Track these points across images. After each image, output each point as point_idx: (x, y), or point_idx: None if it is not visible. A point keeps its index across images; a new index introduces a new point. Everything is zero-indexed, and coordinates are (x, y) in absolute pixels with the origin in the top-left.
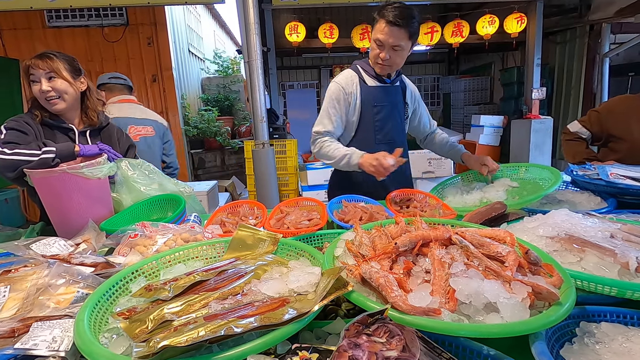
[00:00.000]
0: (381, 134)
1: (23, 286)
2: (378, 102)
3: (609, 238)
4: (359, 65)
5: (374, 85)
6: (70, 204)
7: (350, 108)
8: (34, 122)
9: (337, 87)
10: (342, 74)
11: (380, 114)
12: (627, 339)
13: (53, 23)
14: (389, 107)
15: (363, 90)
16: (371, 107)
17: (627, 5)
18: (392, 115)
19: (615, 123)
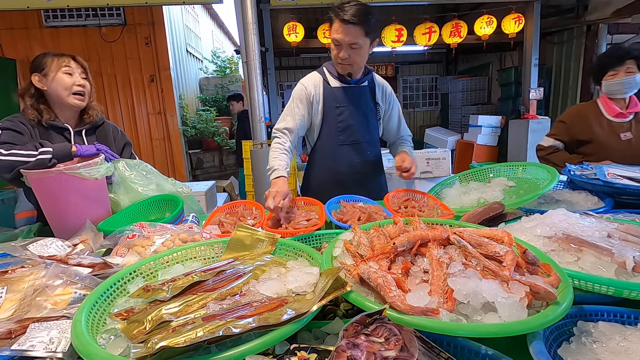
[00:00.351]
0: (344, 135)
1: (20, 287)
2: (340, 103)
3: (606, 238)
4: (325, 67)
5: (337, 86)
6: (68, 205)
7: (314, 109)
8: (29, 122)
9: (301, 87)
10: (307, 76)
11: (342, 114)
12: (625, 338)
13: (50, 23)
14: (353, 107)
15: (326, 92)
16: (334, 108)
17: (624, 5)
18: (357, 115)
19: (580, 129)
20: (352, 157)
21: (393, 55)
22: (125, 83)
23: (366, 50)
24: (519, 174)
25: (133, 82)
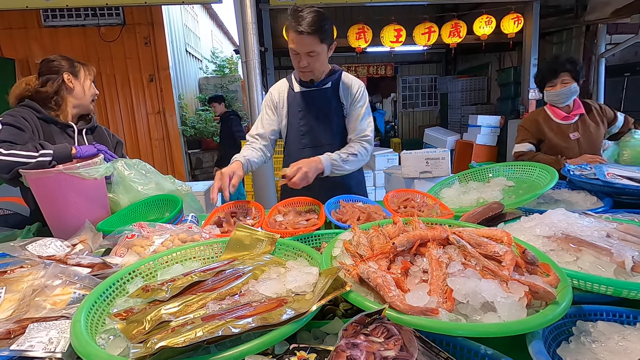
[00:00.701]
0: (306, 138)
1: (19, 287)
2: (302, 107)
3: (605, 237)
4: (293, 73)
5: (300, 90)
6: (67, 205)
7: (280, 115)
8: (33, 117)
9: (268, 94)
10: (275, 84)
11: (304, 118)
12: (623, 337)
13: (49, 22)
14: (315, 110)
15: (289, 97)
16: (296, 112)
17: (622, 6)
18: (320, 118)
19: (535, 133)
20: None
21: (392, 55)
22: (124, 83)
23: (324, 56)
24: (517, 174)
25: (132, 82)
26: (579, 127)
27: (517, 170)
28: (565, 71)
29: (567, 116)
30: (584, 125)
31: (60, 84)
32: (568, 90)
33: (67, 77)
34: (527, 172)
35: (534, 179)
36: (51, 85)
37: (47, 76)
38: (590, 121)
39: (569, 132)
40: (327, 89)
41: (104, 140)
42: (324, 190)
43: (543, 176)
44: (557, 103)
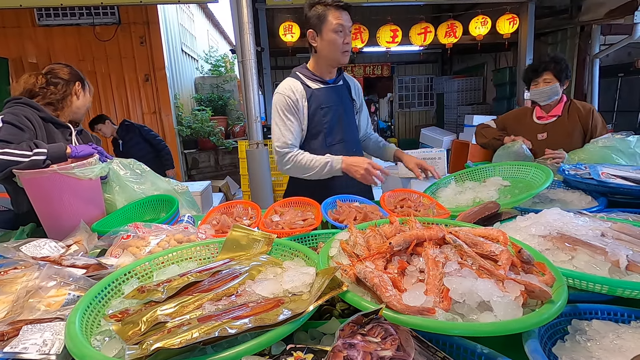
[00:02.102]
0: (331, 136)
1: (13, 289)
2: (325, 104)
3: (600, 237)
4: (297, 72)
5: (318, 87)
6: (61, 205)
7: (301, 115)
8: (36, 117)
9: (281, 97)
10: (282, 85)
11: (328, 115)
12: (618, 336)
13: (43, 22)
14: (336, 107)
15: (308, 94)
16: (319, 109)
17: (616, 7)
18: (340, 115)
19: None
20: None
21: (388, 55)
22: (119, 82)
23: None
24: (512, 173)
25: (128, 82)
26: (550, 129)
27: (513, 170)
28: (548, 70)
29: (543, 116)
30: (556, 128)
31: (69, 89)
32: (549, 89)
33: (78, 87)
34: (523, 172)
35: (530, 179)
36: (59, 88)
37: (57, 79)
38: (566, 124)
39: (537, 133)
40: (342, 86)
41: (89, 141)
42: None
43: (538, 176)
44: (539, 101)
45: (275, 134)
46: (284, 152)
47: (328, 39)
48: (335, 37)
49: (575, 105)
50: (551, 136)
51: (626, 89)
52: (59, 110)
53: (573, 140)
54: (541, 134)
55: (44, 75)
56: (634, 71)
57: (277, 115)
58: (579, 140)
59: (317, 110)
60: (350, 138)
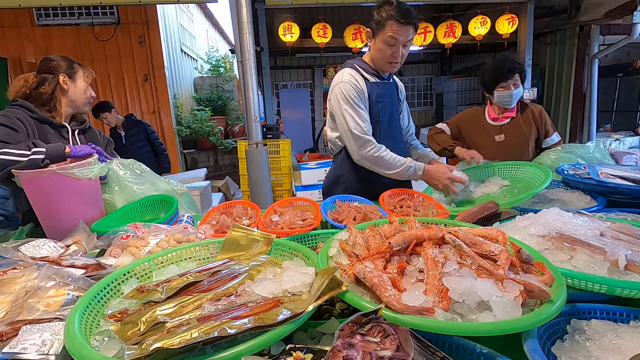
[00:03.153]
0: (385, 128)
1: (12, 289)
2: (381, 98)
3: (599, 236)
4: (355, 63)
5: (375, 81)
6: (60, 205)
7: (365, 103)
8: (27, 118)
9: (349, 85)
10: (345, 74)
11: (383, 109)
12: (617, 335)
13: (42, 21)
14: (389, 102)
15: (367, 86)
16: (375, 102)
17: (615, 7)
18: (392, 110)
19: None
20: (393, 150)
21: None
22: (119, 82)
23: None
24: (512, 173)
25: (127, 82)
26: (507, 130)
27: (512, 169)
28: (518, 72)
29: (497, 118)
30: (512, 129)
31: (55, 84)
32: (518, 91)
33: (62, 78)
34: (522, 172)
35: (529, 178)
36: (47, 86)
37: (44, 75)
38: (521, 125)
39: (494, 134)
40: (393, 83)
41: (96, 141)
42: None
43: (537, 175)
44: (507, 105)
45: (351, 123)
46: (366, 139)
47: (378, 46)
48: (384, 47)
49: (526, 105)
50: (508, 137)
51: (625, 89)
52: (54, 111)
53: (529, 141)
54: (498, 136)
55: (36, 75)
56: (632, 71)
57: (348, 103)
58: (533, 141)
59: (374, 103)
60: (399, 135)
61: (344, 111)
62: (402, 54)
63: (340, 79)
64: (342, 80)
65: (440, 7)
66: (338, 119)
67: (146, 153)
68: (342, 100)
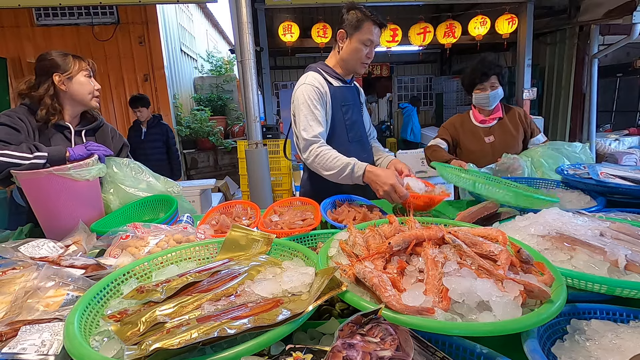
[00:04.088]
0: (352, 132)
1: (11, 289)
2: (345, 102)
3: (599, 236)
4: (319, 68)
5: (339, 85)
6: (59, 206)
7: (326, 109)
8: (29, 118)
9: (310, 88)
10: (309, 77)
11: (348, 113)
12: (617, 335)
13: (42, 21)
14: (354, 106)
15: (331, 90)
16: (340, 106)
17: (615, 7)
18: (357, 113)
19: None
20: (360, 153)
21: (388, 55)
22: (118, 82)
23: None
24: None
25: (127, 82)
26: (496, 131)
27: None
28: (495, 74)
29: (485, 120)
30: (500, 130)
31: (51, 86)
32: (496, 93)
33: (57, 79)
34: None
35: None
36: (42, 88)
37: (39, 78)
38: (509, 126)
39: (484, 136)
40: (354, 87)
41: (106, 141)
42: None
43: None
44: (485, 106)
45: (302, 124)
46: (307, 144)
47: (354, 46)
48: (360, 47)
49: (510, 107)
50: (498, 138)
51: (625, 89)
52: (57, 113)
53: (518, 141)
54: (488, 137)
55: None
56: (632, 71)
57: (306, 105)
58: (521, 140)
59: (339, 107)
60: (364, 138)
61: (301, 114)
62: (372, 55)
63: (303, 81)
64: (305, 83)
65: (439, 7)
66: (295, 120)
67: (160, 154)
68: (301, 102)
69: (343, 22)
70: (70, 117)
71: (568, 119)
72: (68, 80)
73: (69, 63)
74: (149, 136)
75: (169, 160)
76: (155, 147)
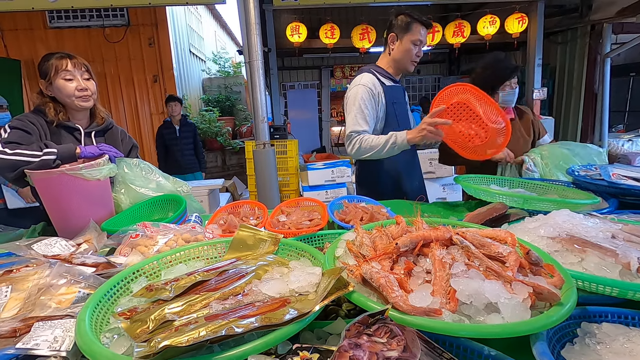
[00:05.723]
0: (402, 127)
1: (25, 286)
2: (396, 100)
3: (610, 238)
4: (372, 69)
5: (390, 84)
6: (70, 205)
7: (379, 106)
8: (40, 121)
9: (365, 88)
10: (364, 78)
11: (398, 110)
12: (629, 339)
13: (54, 24)
14: (403, 104)
15: (385, 89)
16: (392, 104)
17: (628, 5)
18: (405, 111)
19: None
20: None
21: None
22: (128, 83)
23: None
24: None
25: (136, 83)
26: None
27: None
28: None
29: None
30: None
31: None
32: (517, 90)
33: (44, 87)
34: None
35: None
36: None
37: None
38: (521, 125)
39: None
40: (402, 87)
41: (116, 142)
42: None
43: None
44: (509, 104)
45: (349, 122)
46: (353, 137)
47: (405, 47)
48: (411, 47)
49: (520, 108)
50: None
51: (638, 89)
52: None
53: (526, 143)
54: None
55: None
56: None
57: (357, 105)
58: (529, 142)
59: (391, 105)
60: None
61: (350, 114)
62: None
63: (358, 82)
64: (360, 84)
65: (448, 6)
66: (346, 117)
67: (190, 150)
68: (353, 102)
69: (392, 26)
70: (77, 120)
71: (579, 119)
72: (50, 86)
73: (48, 68)
74: (182, 133)
75: (196, 155)
76: (188, 143)
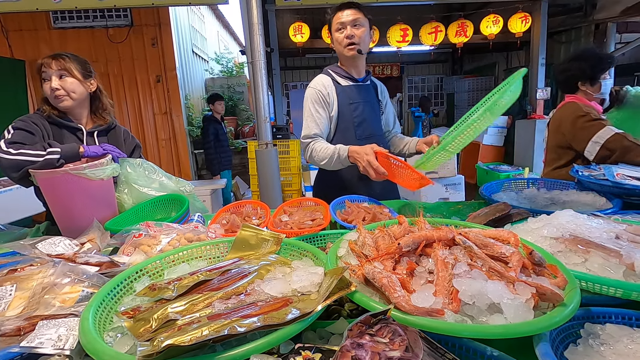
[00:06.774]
0: (360, 129)
1: (29, 285)
2: (354, 100)
3: (614, 239)
4: (329, 69)
5: (347, 84)
6: (74, 205)
7: (330, 108)
8: (43, 122)
9: (313, 90)
10: (315, 80)
11: (357, 110)
12: (633, 340)
13: (58, 24)
14: (364, 103)
15: (338, 90)
16: (347, 104)
17: (632, 4)
18: (368, 111)
19: None
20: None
21: (399, 55)
22: (131, 84)
23: (368, 31)
24: None
25: (140, 83)
26: None
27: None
28: None
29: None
30: None
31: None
32: None
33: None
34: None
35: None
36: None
37: None
38: None
39: None
40: (369, 85)
41: (118, 142)
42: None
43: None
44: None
45: (303, 125)
46: (305, 143)
47: (335, 37)
48: (337, 35)
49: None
50: None
51: None
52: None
53: None
54: None
55: None
56: None
57: (307, 108)
58: None
59: (347, 105)
60: (378, 134)
61: (306, 115)
62: (354, 33)
63: (310, 84)
64: (309, 86)
65: (451, 6)
66: None
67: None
68: (305, 105)
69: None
70: (77, 119)
71: None
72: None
73: (38, 70)
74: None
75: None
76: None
